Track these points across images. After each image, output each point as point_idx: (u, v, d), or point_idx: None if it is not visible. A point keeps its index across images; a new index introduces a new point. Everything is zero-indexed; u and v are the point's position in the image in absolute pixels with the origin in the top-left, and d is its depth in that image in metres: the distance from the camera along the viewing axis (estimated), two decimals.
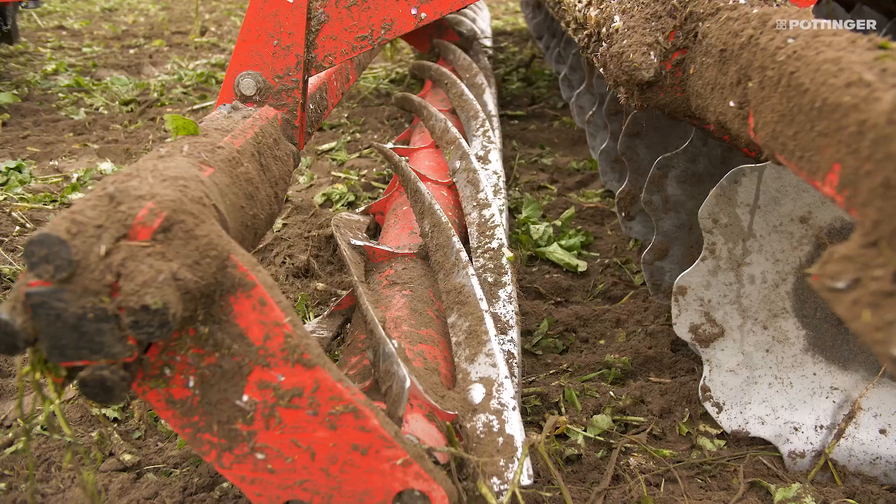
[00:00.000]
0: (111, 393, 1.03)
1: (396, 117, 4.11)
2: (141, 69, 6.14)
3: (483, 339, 1.47)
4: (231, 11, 9.42)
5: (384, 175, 3.37)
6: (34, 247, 0.95)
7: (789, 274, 1.57)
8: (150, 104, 4.92)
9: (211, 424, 1.13)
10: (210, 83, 5.40)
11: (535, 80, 4.69)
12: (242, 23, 1.68)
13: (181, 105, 4.80)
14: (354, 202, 3.12)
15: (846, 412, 1.61)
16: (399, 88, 4.72)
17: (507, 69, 4.98)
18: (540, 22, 5.14)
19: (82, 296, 0.97)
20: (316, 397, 1.09)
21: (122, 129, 4.48)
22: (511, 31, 6.76)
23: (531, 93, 4.46)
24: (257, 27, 1.67)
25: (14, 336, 0.97)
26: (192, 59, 6.51)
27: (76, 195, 3.41)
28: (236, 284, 1.07)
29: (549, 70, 4.92)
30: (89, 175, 3.69)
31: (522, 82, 4.68)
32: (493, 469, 1.26)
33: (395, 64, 5.42)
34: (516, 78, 4.77)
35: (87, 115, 4.79)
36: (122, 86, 5.48)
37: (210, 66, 6.15)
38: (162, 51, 6.95)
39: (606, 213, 2.80)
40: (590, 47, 1.88)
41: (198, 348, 1.10)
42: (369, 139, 3.88)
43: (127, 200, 1.01)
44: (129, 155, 4.03)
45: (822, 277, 0.70)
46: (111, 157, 4.01)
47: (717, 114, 1.10)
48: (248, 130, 1.39)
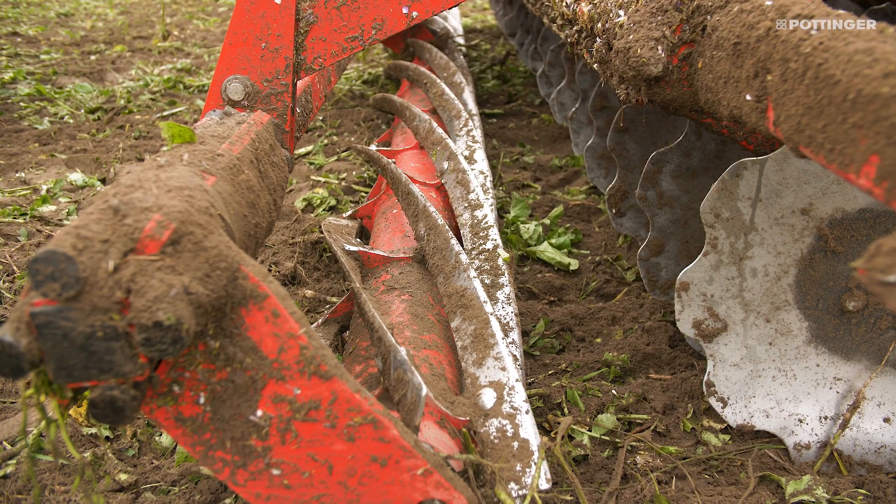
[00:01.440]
0: (122, 413, 0.99)
1: (373, 119, 4.07)
2: (104, 76, 6.00)
3: (490, 343, 1.44)
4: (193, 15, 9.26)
5: (365, 178, 3.33)
6: (39, 265, 0.90)
7: (791, 266, 1.57)
8: (117, 111, 4.81)
9: (224, 441, 1.09)
10: (178, 89, 5.30)
11: (509, 78, 4.68)
12: (229, 25, 1.63)
13: (150, 112, 4.70)
14: (336, 206, 3.07)
15: (850, 402, 1.62)
16: (373, 90, 4.68)
17: (481, 67, 4.96)
18: (512, 18, 5.14)
19: (91, 314, 0.93)
20: (333, 409, 1.06)
21: (89, 138, 4.37)
22: (481, 29, 6.74)
23: (507, 90, 4.45)
24: (244, 30, 1.63)
25: (19, 358, 0.93)
26: (157, 65, 6.38)
27: (47, 208, 3.31)
28: (247, 296, 1.03)
29: (524, 67, 4.91)
30: (59, 186, 3.59)
31: (497, 80, 4.66)
32: (510, 474, 1.24)
33: (367, 65, 5.37)
34: (491, 76, 4.76)
35: (51, 125, 4.66)
36: (87, 93, 5.35)
37: (176, 71, 6.04)
38: (124, 56, 6.80)
39: (593, 211, 2.79)
40: (580, 43, 1.87)
41: (208, 363, 1.06)
42: (346, 142, 3.84)
43: (133, 213, 0.97)
44: (99, 164, 3.94)
45: (870, 271, 0.69)
46: (81, 167, 3.91)
47: (731, 108, 1.09)
48: (245, 137, 1.35)
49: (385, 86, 4.53)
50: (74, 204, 3.35)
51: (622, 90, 1.46)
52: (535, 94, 4.34)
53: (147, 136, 4.21)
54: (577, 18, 1.88)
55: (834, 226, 1.53)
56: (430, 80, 3.08)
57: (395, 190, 2.09)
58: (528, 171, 3.26)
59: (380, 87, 4.58)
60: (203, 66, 6.12)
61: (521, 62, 5.00)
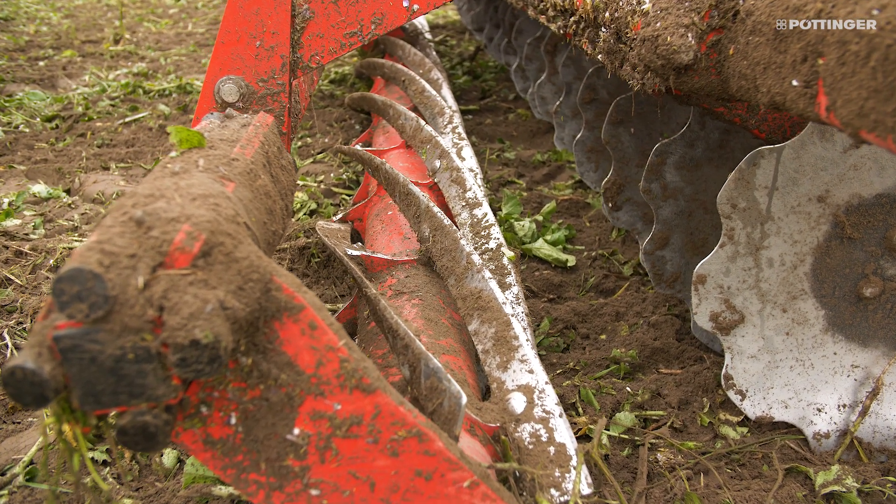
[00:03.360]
0: (154, 440, 0.92)
1: (345, 119, 4.00)
2: (55, 82, 5.80)
3: (514, 345, 1.40)
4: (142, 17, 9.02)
5: (344, 180, 3.25)
6: (64, 284, 0.83)
7: (807, 255, 1.56)
8: (76, 119, 4.64)
9: (258, 463, 1.03)
10: (138, 94, 5.14)
11: (480, 73, 4.64)
12: (221, 23, 1.56)
13: (111, 118, 4.55)
14: (317, 210, 3.00)
15: (868, 389, 1.61)
16: (341, 89, 4.60)
17: (450, 63, 4.91)
18: (479, 13, 5.09)
19: (120, 335, 0.85)
20: (376, 424, 1.00)
21: (49, 148, 4.20)
22: (444, 25, 6.69)
23: (480, 86, 4.41)
24: (237, 27, 1.56)
25: (42, 386, 0.85)
26: (112, 69, 6.19)
27: (11, 222, 3.16)
28: (282, 308, 0.97)
29: (494, 62, 4.87)
30: (22, 199, 3.44)
31: (468, 76, 4.62)
32: (550, 480, 1.20)
33: (333, 64, 5.28)
34: (461, 72, 4.71)
35: (6, 135, 4.47)
36: (40, 101, 5.15)
37: (133, 75, 5.86)
38: (75, 61, 6.58)
39: (581, 205, 2.77)
40: (579, 34, 1.84)
41: (239, 381, 1.00)
42: (320, 143, 3.75)
43: (158, 224, 0.90)
44: (62, 175, 3.78)
45: None
46: (42, 178, 3.76)
47: (773, 94, 1.06)
48: (254, 140, 1.28)
49: (354, 85, 4.46)
50: (40, 217, 3.21)
51: (637, 80, 1.42)
52: (509, 89, 4.30)
53: (111, 144, 4.07)
54: (574, 9, 1.84)
55: (850, 212, 1.52)
56: (409, 77, 3.02)
57: (390, 191, 2.03)
58: (510, 167, 3.23)
59: (349, 87, 4.50)
60: (160, 70, 5.95)
61: (491, 57, 4.96)
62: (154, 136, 4.07)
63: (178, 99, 4.76)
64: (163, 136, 4.07)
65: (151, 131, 4.13)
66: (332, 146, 3.69)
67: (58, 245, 2.84)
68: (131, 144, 4.01)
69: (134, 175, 3.64)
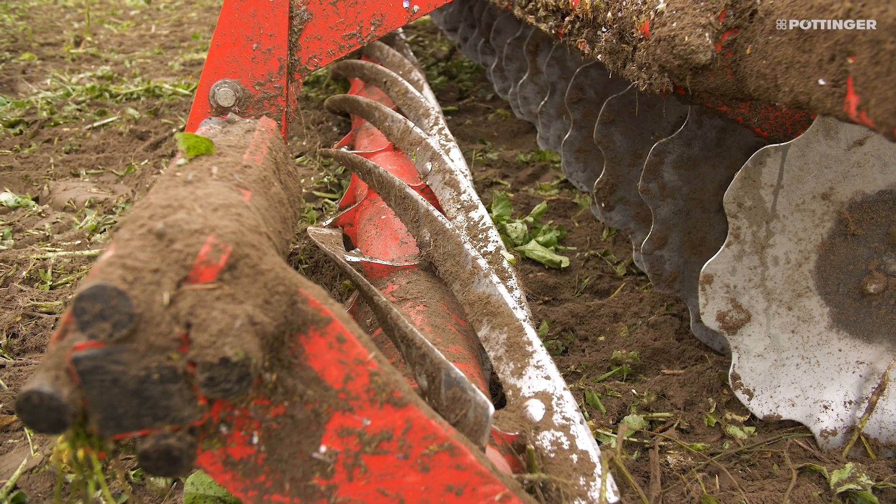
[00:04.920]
0: (178, 464, 0.88)
1: (322, 121, 3.94)
2: (14, 86, 5.62)
3: (528, 351, 1.38)
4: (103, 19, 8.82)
5: (325, 184, 3.20)
6: (85, 303, 0.78)
7: (812, 252, 1.56)
8: (41, 124, 4.50)
9: (282, 483, 0.99)
10: (104, 98, 5.01)
11: (456, 74, 4.61)
12: (216, 25, 1.51)
13: (78, 123, 4.42)
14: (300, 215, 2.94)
15: (873, 385, 1.62)
16: (315, 91, 4.53)
17: (426, 64, 4.88)
18: (453, 13, 5.07)
19: (145, 355, 0.81)
20: (407, 438, 0.97)
21: (13, 154, 4.07)
22: (414, 25, 6.64)
23: (456, 87, 4.38)
24: (233, 30, 1.51)
25: (61, 411, 0.81)
26: (74, 73, 6.02)
27: None
28: (308, 321, 0.93)
29: (469, 62, 4.85)
30: None
31: (444, 76, 4.59)
32: (575, 489, 1.17)
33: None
34: (436, 72, 4.68)
35: None
36: (1, 106, 5.00)
37: (97, 79, 5.71)
38: (34, 65, 6.39)
39: (569, 205, 2.76)
40: (575, 34, 1.82)
41: (262, 399, 0.96)
42: (298, 147, 3.69)
43: (181, 237, 0.86)
44: (29, 182, 3.66)
45: None
46: (8, 185, 3.63)
47: (796, 94, 1.05)
48: (262, 146, 1.23)
49: (329, 86, 4.40)
50: (9, 227, 3.10)
51: (644, 80, 1.41)
52: (486, 89, 4.28)
53: (79, 150, 3.95)
54: (569, 8, 1.82)
55: (854, 209, 1.53)
56: (391, 78, 2.98)
57: (384, 195, 1.99)
58: (494, 168, 3.21)
59: (324, 89, 4.44)
60: (126, 73, 5.82)
61: (466, 57, 4.94)
62: (125, 142, 3.96)
63: (147, 103, 4.65)
64: (134, 141, 3.97)
65: (122, 136, 4.02)
66: (310, 149, 3.63)
67: (30, 256, 2.74)
68: (101, 150, 3.91)
69: (106, 182, 3.54)
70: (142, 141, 3.97)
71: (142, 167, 3.58)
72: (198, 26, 7.96)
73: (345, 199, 2.57)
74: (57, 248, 2.80)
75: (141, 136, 4.03)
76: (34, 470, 1.70)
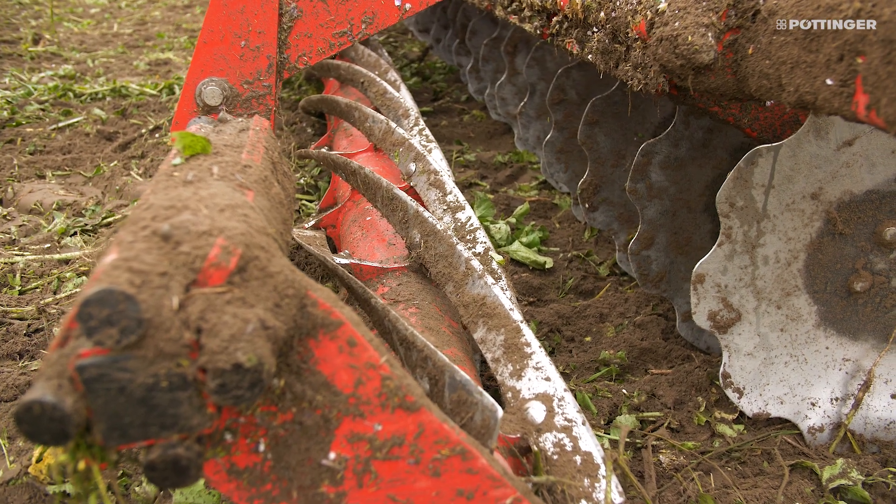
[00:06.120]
0: (185, 474, 0.85)
1: (295, 122, 3.89)
2: None
3: (527, 352, 1.36)
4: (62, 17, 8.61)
5: (301, 185, 3.16)
6: (92, 308, 0.75)
7: (801, 251, 1.57)
8: (2, 124, 4.38)
9: (289, 492, 0.96)
10: (68, 97, 4.88)
11: (429, 75, 4.60)
12: (203, 22, 1.47)
13: (42, 123, 4.30)
14: None
15: (858, 382, 1.64)
16: (287, 92, 4.48)
17: (399, 64, 4.85)
18: (425, 14, 5.05)
19: (154, 361, 0.78)
20: (419, 443, 0.95)
21: None
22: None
23: (430, 88, 4.36)
24: (221, 27, 1.48)
25: (64, 422, 0.77)
26: (34, 72, 5.87)
27: None
28: (318, 325, 0.91)
29: (442, 63, 4.83)
30: None
31: (417, 77, 4.57)
32: (580, 491, 1.16)
33: None
34: (409, 73, 4.65)
35: None
36: None
37: (59, 78, 5.57)
38: None
39: (549, 206, 2.76)
40: (562, 34, 1.82)
41: (269, 405, 0.93)
42: None
43: (188, 239, 0.83)
44: None
45: None
46: None
47: (801, 93, 1.06)
48: (258, 145, 1.20)
49: (301, 87, 4.35)
50: None
51: (640, 80, 1.41)
52: (461, 90, 4.27)
53: (45, 151, 3.85)
54: (557, 8, 1.82)
55: (842, 208, 1.55)
56: (369, 78, 2.96)
57: (370, 196, 1.96)
58: (471, 169, 3.20)
59: (296, 90, 4.39)
60: (89, 73, 5.69)
61: (438, 58, 4.92)
62: (92, 142, 3.87)
63: (113, 103, 4.55)
64: (102, 142, 3.88)
65: (89, 137, 3.93)
66: (284, 151, 3.58)
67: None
68: (67, 151, 3.81)
69: (73, 183, 3.45)
70: (110, 142, 3.88)
71: (111, 168, 3.50)
72: (162, 25, 7.83)
73: (325, 200, 2.54)
74: (25, 252, 2.72)
75: (109, 136, 3.94)
76: (11, 482, 1.64)
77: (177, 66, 5.77)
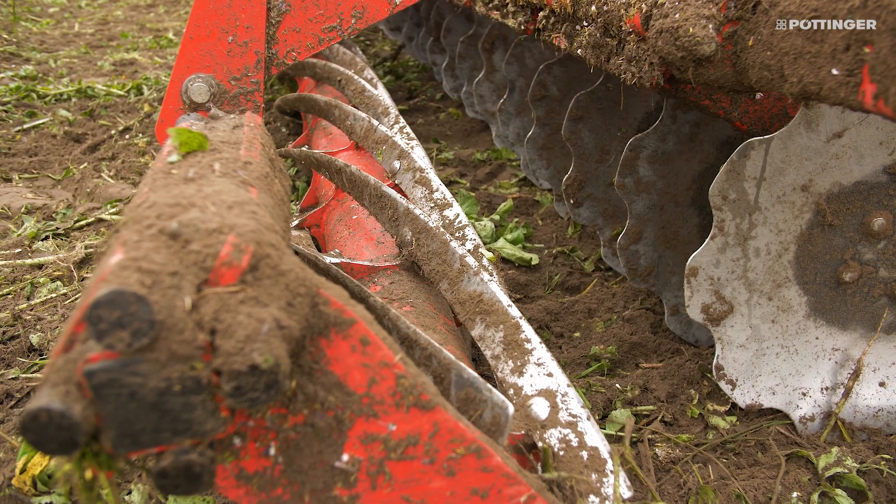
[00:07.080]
0: (198, 481, 0.83)
1: (269, 122, 3.84)
2: None
3: (527, 348, 1.35)
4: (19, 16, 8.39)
5: None
6: (102, 310, 0.72)
7: (791, 243, 1.59)
8: None
9: (301, 496, 0.94)
10: (31, 98, 4.76)
11: (402, 73, 4.57)
12: (189, 17, 1.43)
13: (6, 125, 4.18)
14: None
15: (848, 371, 1.66)
16: None
17: (371, 63, 4.82)
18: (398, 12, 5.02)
19: (166, 364, 0.75)
20: (434, 443, 0.93)
21: None
22: None
23: (404, 86, 4.34)
24: (208, 22, 1.44)
25: (73, 430, 0.74)
26: None
27: None
28: (330, 324, 0.88)
29: (414, 61, 4.81)
30: None
31: (391, 75, 4.54)
32: (588, 487, 1.16)
33: None
34: (382, 72, 4.62)
35: None
36: None
37: (20, 78, 5.43)
38: None
39: (530, 203, 2.75)
40: (549, 29, 1.81)
41: (279, 407, 0.90)
42: None
43: (198, 237, 0.80)
44: None
45: None
46: None
47: (805, 84, 1.06)
48: (255, 142, 1.17)
49: (274, 87, 4.29)
50: None
51: (634, 73, 1.41)
52: (435, 88, 4.25)
53: (10, 153, 3.74)
54: (543, 3, 1.81)
55: (831, 200, 1.56)
56: (346, 76, 2.92)
57: (356, 194, 1.93)
58: (451, 166, 3.18)
59: (269, 89, 4.33)
60: (51, 73, 5.55)
61: (411, 57, 4.90)
62: (60, 144, 3.77)
63: (79, 104, 4.44)
64: (70, 144, 3.79)
65: (56, 139, 3.83)
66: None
67: None
68: (34, 153, 3.71)
69: (42, 186, 3.36)
70: (78, 143, 3.79)
71: (81, 171, 3.42)
72: (125, 25, 7.69)
73: (306, 200, 2.50)
74: None
75: (77, 138, 3.85)
76: None
77: (143, 66, 5.66)
